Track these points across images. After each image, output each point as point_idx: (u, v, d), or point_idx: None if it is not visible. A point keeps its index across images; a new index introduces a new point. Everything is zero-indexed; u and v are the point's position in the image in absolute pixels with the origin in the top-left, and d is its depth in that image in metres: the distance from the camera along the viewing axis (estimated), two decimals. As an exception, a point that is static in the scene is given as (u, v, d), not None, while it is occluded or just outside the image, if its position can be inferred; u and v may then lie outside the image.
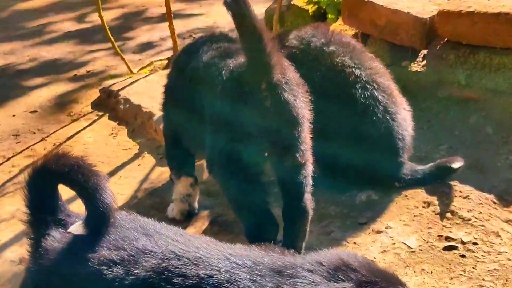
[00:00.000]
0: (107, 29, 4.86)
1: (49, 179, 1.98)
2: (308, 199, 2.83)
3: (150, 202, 3.55)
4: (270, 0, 6.97)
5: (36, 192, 1.98)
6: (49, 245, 1.89)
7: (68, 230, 1.93)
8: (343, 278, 1.69)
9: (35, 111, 4.84)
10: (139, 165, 3.95)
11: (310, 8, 5.39)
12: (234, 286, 1.72)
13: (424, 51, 4.29)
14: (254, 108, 2.63)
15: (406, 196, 3.24)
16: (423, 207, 3.14)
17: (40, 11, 7.50)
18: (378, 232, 3.01)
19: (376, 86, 3.30)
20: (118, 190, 3.67)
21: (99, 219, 1.87)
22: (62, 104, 4.97)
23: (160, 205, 3.49)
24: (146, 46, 6.17)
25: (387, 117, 3.26)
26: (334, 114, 3.25)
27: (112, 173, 3.87)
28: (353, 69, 3.30)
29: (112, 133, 4.33)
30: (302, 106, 2.74)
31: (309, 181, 2.81)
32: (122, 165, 3.97)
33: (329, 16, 5.11)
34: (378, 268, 1.78)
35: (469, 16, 3.81)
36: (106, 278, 1.77)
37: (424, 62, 4.29)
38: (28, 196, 1.99)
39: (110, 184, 1.93)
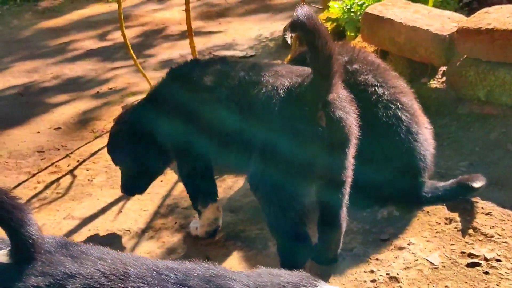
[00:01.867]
0: (130, 47, 4.94)
1: None
2: (345, 216, 2.92)
3: (172, 218, 3.60)
4: (288, 18, 7.05)
5: None
6: None
7: None
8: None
9: (59, 128, 4.93)
10: (161, 181, 3.99)
11: (329, 26, 5.45)
12: None
13: (443, 68, 4.32)
14: (310, 130, 2.63)
15: (428, 212, 3.25)
16: (445, 223, 3.15)
17: (62, 30, 7.65)
18: (401, 248, 3.03)
19: (399, 106, 3.31)
20: (141, 206, 3.73)
21: (24, 252, 1.89)
22: (85, 121, 5.06)
23: (183, 221, 3.53)
24: (167, 63, 6.25)
25: (409, 138, 3.27)
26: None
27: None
28: (376, 88, 3.32)
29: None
30: (353, 123, 2.76)
31: (347, 197, 2.88)
32: (145, 181, 4.01)
33: (348, 33, 5.16)
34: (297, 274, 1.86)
35: (488, 33, 3.84)
36: None
37: (444, 78, 4.32)
38: None
39: (32, 216, 1.92)
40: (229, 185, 3.83)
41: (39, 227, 1.92)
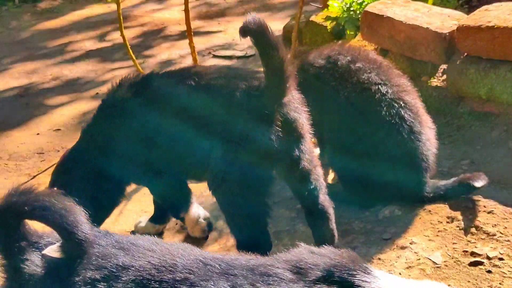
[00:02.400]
0: (129, 47, 4.93)
1: (17, 219, 1.95)
2: (325, 200, 3.00)
3: (173, 219, 3.58)
4: (288, 17, 7.04)
5: (4, 225, 1.96)
6: (31, 270, 1.92)
7: (43, 253, 1.95)
8: (307, 273, 1.81)
9: (59, 129, 4.92)
10: (162, 182, 3.99)
11: (329, 25, 5.44)
12: (209, 284, 1.81)
13: (444, 66, 4.31)
14: (267, 129, 2.73)
15: (430, 211, 3.24)
16: (447, 222, 3.15)
17: (61, 31, 7.63)
18: (403, 247, 3.02)
19: (402, 104, 3.28)
20: (142, 208, 3.72)
21: (77, 248, 1.90)
22: (85, 122, 5.03)
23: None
24: (166, 64, 6.24)
25: (412, 137, 3.25)
26: (359, 131, 3.27)
27: (135, 191, 3.91)
28: (380, 86, 3.30)
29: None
30: (305, 121, 2.90)
31: (322, 183, 3.00)
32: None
33: (348, 32, 5.14)
34: (341, 255, 1.87)
35: (489, 30, 3.83)
36: None
37: (444, 77, 4.30)
38: None
39: (84, 214, 1.92)
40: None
41: (90, 223, 1.93)
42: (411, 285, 1.83)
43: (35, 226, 2.04)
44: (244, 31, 2.65)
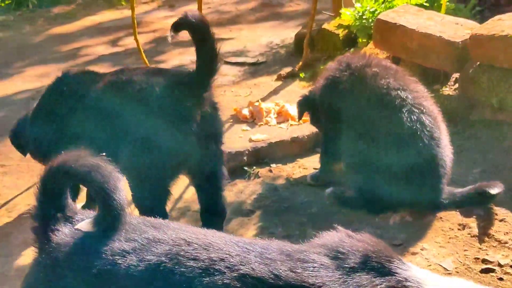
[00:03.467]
0: (142, 52, 4.97)
1: (65, 177, 2.02)
2: (223, 201, 3.25)
3: (184, 221, 3.59)
4: (299, 25, 7.07)
5: (50, 189, 2.02)
6: (61, 239, 1.95)
7: (76, 227, 1.98)
8: (345, 258, 1.79)
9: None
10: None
11: (341, 32, 5.47)
12: (248, 268, 1.78)
13: (456, 75, 4.32)
14: (187, 123, 2.91)
15: (441, 218, 3.24)
16: (459, 229, 3.14)
17: (74, 35, 7.68)
18: (414, 253, 3.01)
19: (423, 110, 3.29)
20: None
21: (111, 219, 1.93)
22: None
23: (194, 224, 3.51)
24: (178, 69, 6.27)
25: (432, 143, 3.25)
26: (378, 136, 3.27)
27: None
28: (399, 92, 3.30)
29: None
30: (222, 123, 3.15)
31: (223, 184, 3.23)
32: (156, 185, 4.02)
33: (360, 40, 5.16)
34: (378, 242, 1.86)
35: (501, 39, 3.84)
36: (119, 266, 1.85)
37: (456, 85, 4.31)
38: (41, 192, 2.03)
39: (124, 184, 1.98)
40: (240, 189, 3.83)
41: (127, 199, 1.96)
42: (441, 279, 1.81)
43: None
44: (180, 24, 2.87)
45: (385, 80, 3.34)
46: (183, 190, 3.91)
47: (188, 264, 1.81)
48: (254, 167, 3.99)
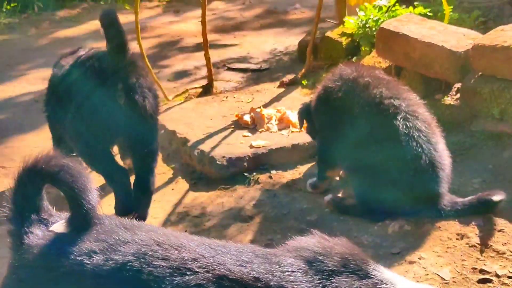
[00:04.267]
0: (145, 57, 4.98)
1: (38, 178, 2.03)
2: (153, 180, 3.67)
3: (183, 226, 3.60)
4: (303, 33, 7.08)
5: (24, 190, 2.04)
6: (33, 241, 1.96)
7: (50, 229, 2.00)
8: (323, 261, 1.80)
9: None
10: (172, 189, 4.01)
11: (344, 41, 5.48)
12: (223, 268, 1.77)
13: (458, 85, 4.32)
14: (111, 104, 3.39)
15: (439, 227, 3.23)
16: (457, 239, 3.13)
17: (79, 39, 7.71)
18: (411, 262, 3.00)
19: (417, 116, 3.32)
20: (152, 213, 3.73)
21: (83, 219, 1.95)
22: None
23: (194, 229, 3.53)
24: (181, 74, 6.29)
25: (430, 148, 3.27)
26: (375, 144, 3.29)
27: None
28: (392, 100, 3.34)
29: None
30: (151, 105, 3.49)
31: (154, 165, 3.65)
32: (156, 189, 4.01)
33: (363, 48, 5.18)
34: (353, 246, 1.88)
35: (504, 50, 3.84)
36: (87, 266, 1.86)
37: (458, 95, 4.31)
38: (15, 193, 2.04)
39: (94, 184, 2.00)
40: (240, 195, 3.83)
41: (99, 198, 1.97)
42: (412, 284, 1.82)
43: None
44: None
45: (377, 89, 3.37)
46: (182, 195, 3.93)
47: (156, 263, 1.82)
48: (254, 173, 4.00)
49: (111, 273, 1.83)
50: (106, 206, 3.53)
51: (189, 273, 1.78)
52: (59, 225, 1.98)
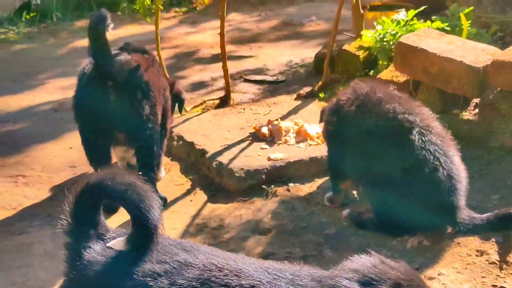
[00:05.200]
0: (165, 67, 5.03)
1: (102, 195, 2.05)
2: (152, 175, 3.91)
3: (201, 238, 3.62)
4: (319, 45, 7.12)
5: (84, 205, 2.05)
6: (92, 257, 1.97)
7: (108, 245, 2.01)
8: (377, 285, 1.78)
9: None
10: (191, 200, 4.03)
11: (361, 54, 5.50)
12: None
13: (476, 100, 4.32)
14: (102, 101, 3.74)
15: (459, 243, 3.23)
16: (476, 255, 3.13)
17: (96, 49, 7.78)
18: (430, 278, 3.01)
19: (432, 131, 3.33)
20: (171, 225, 3.76)
21: (145, 238, 1.94)
22: (117, 138, 5.11)
23: (212, 241, 3.55)
24: (198, 86, 6.33)
25: (448, 161, 3.28)
26: (392, 159, 3.30)
27: (164, 208, 3.97)
28: (406, 115, 3.35)
29: (165, 169, 4.44)
30: (144, 102, 3.78)
31: (151, 161, 3.93)
32: (175, 200, 4.06)
33: (380, 62, 5.19)
34: (411, 271, 1.85)
35: (523, 67, 3.84)
36: None
37: (476, 110, 4.31)
38: (76, 208, 2.05)
39: (160, 207, 2.01)
40: (258, 207, 3.85)
41: (162, 219, 1.97)
42: None
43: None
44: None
45: (390, 105, 3.39)
46: (200, 207, 3.95)
47: None
48: (272, 186, 4.02)
49: None
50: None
51: None
52: (117, 242, 1.98)
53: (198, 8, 8.39)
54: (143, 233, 1.93)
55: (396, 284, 1.77)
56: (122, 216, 3.64)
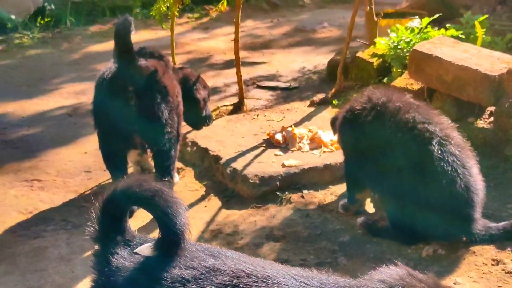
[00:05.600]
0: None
1: (129, 201, 2.07)
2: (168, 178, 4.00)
3: (215, 244, 3.61)
4: (331, 52, 7.13)
5: (112, 212, 2.07)
6: (121, 263, 1.98)
7: (135, 251, 2.02)
8: None
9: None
10: (205, 206, 4.04)
11: (375, 61, 5.50)
12: None
13: (491, 108, 4.31)
14: (122, 104, 3.81)
15: (474, 252, 3.22)
16: (492, 264, 3.12)
17: (110, 54, 7.69)
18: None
19: (451, 141, 3.33)
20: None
21: (173, 243, 1.95)
22: (131, 143, 5.14)
23: (227, 247, 3.54)
24: (211, 92, 6.33)
25: (465, 173, 3.28)
26: (409, 169, 3.29)
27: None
28: (426, 125, 3.34)
29: (179, 174, 4.46)
30: (163, 107, 3.87)
31: (172, 160, 4.03)
32: (189, 206, 4.06)
33: (394, 70, 5.19)
34: (439, 284, 1.86)
35: (539, 75, 3.83)
36: None
37: (491, 119, 4.30)
38: (103, 214, 2.07)
39: (186, 212, 2.02)
40: (272, 214, 3.86)
41: (189, 225, 1.99)
42: None
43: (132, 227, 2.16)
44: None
45: (409, 114, 3.38)
46: (215, 213, 3.96)
47: None
48: (287, 193, 4.03)
49: None
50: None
51: None
52: (144, 248, 2.00)
53: (214, 15, 8.41)
54: (170, 239, 1.94)
55: None
56: (137, 220, 3.67)
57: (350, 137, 3.67)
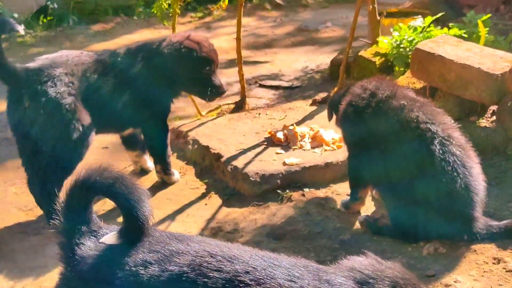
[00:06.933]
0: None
1: (91, 191, 2.07)
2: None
3: (215, 242, 3.61)
4: (334, 51, 7.10)
5: (75, 203, 2.07)
6: (86, 253, 1.99)
7: (101, 240, 2.02)
8: (374, 284, 1.80)
9: (107, 147, 5.02)
10: (206, 204, 4.03)
11: (377, 60, 5.48)
12: (274, 283, 1.79)
13: (493, 107, 4.29)
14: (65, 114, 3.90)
15: (475, 251, 3.20)
16: (493, 263, 3.10)
17: (112, 53, 7.83)
18: (447, 285, 2.98)
19: (452, 141, 3.32)
20: (185, 228, 3.76)
21: (137, 230, 1.97)
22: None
23: (227, 245, 3.54)
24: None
25: (466, 172, 3.27)
26: (411, 167, 3.28)
27: (179, 211, 3.97)
28: (429, 125, 3.34)
29: (180, 172, 4.45)
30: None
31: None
32: (189, 203, 4.06)
33: (397, 68, 5.17)
34: (406, 271, 1.88)
35: (542, 74, 3.81)
36: (142, 277, 1.88)
37: (493, 118, 4.28)
38: (66, 206, 2.08)
39: (149, 199, 2.03)
40: (273, 212, 3.84)
41: (152, 211, 1.99)
42: None
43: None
44: None
45: (413, 112, 3.37)
46: (215, 210, 3.95)
47: (211, 275, 1.83)
48: (287, 191, 4.01)
49: (167, 284, 1.85)
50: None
51: (241, 285, 1.79)
52: (110, 237, 2.01)
53: (215, 12, 8.39)
54: (134, 226, 1.94)
55: (394, 283, 1.76)
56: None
57: (353, 133, 3.65)
